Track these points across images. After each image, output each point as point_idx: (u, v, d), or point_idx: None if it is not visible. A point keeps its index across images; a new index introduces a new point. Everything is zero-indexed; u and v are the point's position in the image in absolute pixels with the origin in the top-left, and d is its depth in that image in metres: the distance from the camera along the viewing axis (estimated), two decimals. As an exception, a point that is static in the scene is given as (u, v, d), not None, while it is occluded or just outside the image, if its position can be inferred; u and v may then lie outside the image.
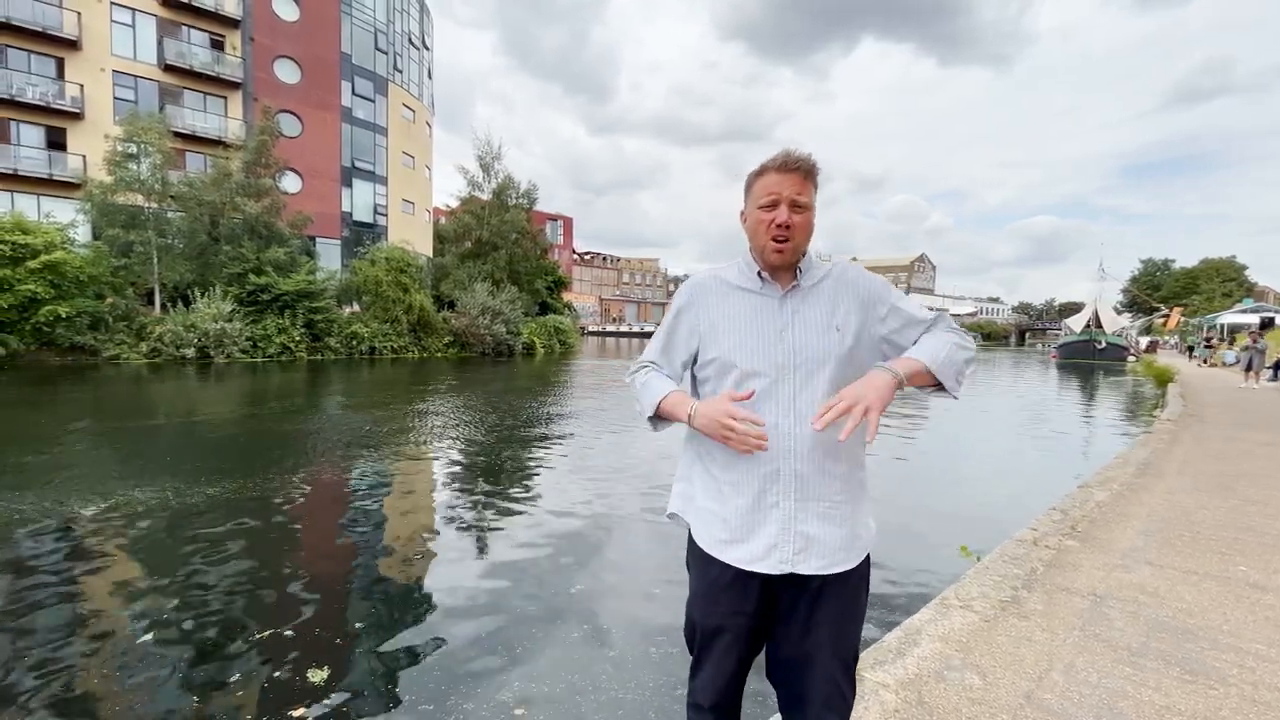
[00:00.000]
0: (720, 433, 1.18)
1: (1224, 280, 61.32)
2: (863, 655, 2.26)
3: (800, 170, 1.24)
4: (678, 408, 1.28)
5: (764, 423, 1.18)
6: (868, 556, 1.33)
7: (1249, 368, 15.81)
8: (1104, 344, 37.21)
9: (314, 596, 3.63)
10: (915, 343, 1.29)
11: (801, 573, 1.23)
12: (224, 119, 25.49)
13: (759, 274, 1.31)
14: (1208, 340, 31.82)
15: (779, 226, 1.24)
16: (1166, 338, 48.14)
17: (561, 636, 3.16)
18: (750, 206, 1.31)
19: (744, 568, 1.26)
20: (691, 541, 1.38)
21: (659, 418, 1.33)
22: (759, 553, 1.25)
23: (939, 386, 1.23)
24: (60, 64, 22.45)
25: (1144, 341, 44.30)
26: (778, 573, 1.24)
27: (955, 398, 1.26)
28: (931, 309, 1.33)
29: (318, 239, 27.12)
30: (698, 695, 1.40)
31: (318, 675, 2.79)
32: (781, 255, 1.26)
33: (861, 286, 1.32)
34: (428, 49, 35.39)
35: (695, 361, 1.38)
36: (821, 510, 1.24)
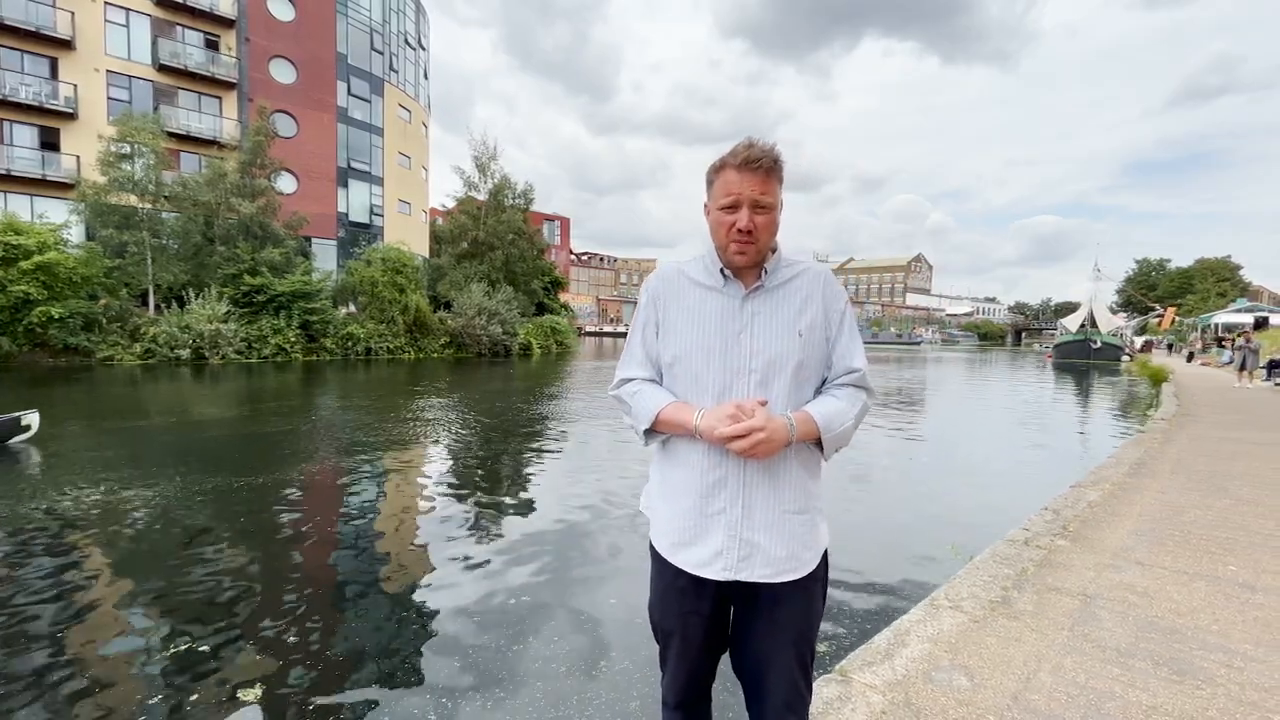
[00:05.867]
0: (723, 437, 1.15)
1: (1218, 280, 61.57)
2: (851, 656, 2.26)
3: (761, 169, 1.17)
4: (680, 414, 1.22)
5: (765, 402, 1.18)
6: (825, 559, 1.31)
7: (1242, 367, 15.88)
8: (1099, 344, 37.33)
9: (299, 603, 3.61)
10: (826, 392, 1.28)
11: (745, 580, 1.21)
12: (219, 119, 25.40)
13: (721, 271, 1.27)
14: (1220, 340, 32.28)
15: (740, 231, 1.19)
16: (1161, 337, 48.35)
17: (536, 648, 3.14)
18: (711, 204, 1.26)
19: (691, 571, 1.24)
20: (650, 539, 1.37)
21: (654, 430, 1.28)
22: (705, 558, 1.23)
23: (818, 445, 1.24)
24: (54, 64, 22.34)
25: (1139, 341, 44.49)
26: (722, 579, 1.22)
27: (824, 459, 1.28)
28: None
29: (313, 239, 27.03)
30: (665, 693, 1.41)
31: (288, 683, 2.77)
32: (745, 256, 1.22)
33: (831, 296, 1.29)
34: (424, 49, 35.33)
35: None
36: (770, 519, 1.22)
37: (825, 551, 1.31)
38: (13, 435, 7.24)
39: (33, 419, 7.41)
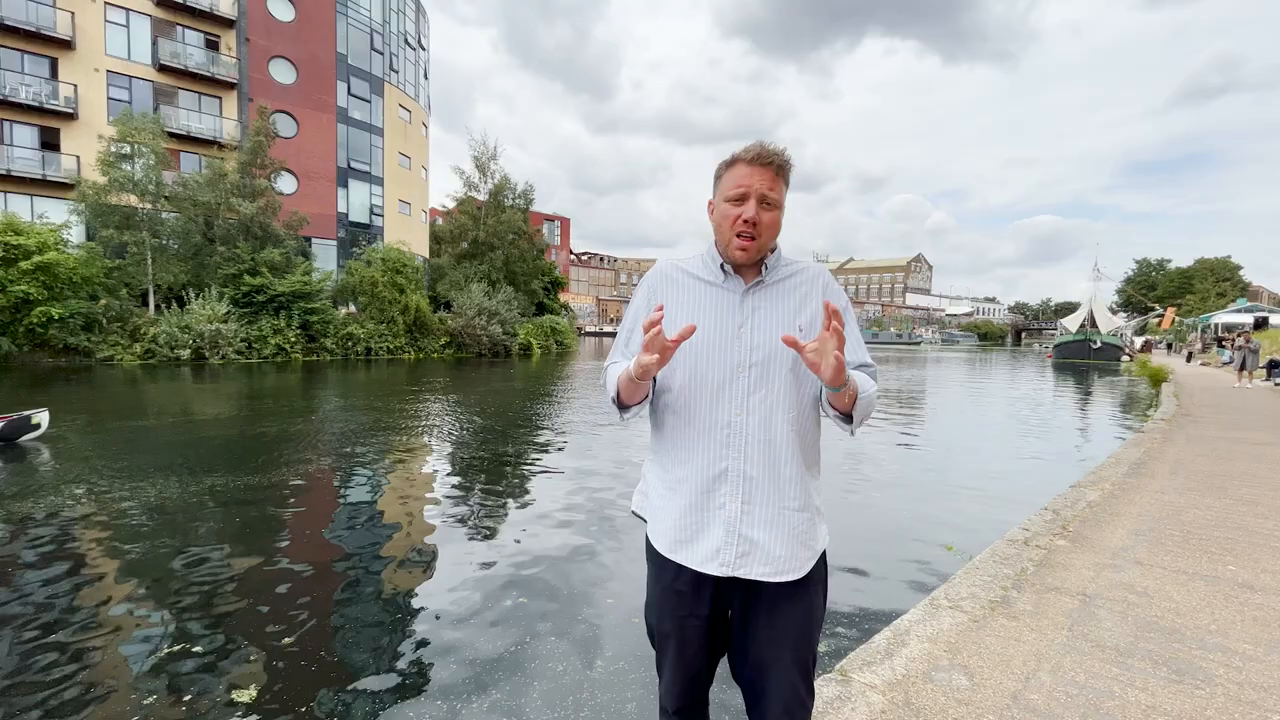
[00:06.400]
0: (646, 358, 1.09)
1: (1218, 280, 61.56)
2: (850, 656, 2.26)
3: (773, 165, 1.19)
4: (625, 375, 1.20)
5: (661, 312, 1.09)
6: (824, 561, 1.30)
7: (1242, 367, 15.87)
8: (1099, 344, 37.37)
9: (296, 603, 3.61)
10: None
11: (744, 577, 1.21)
12: (219, 119, 25.40)
13: (722, 267, 1.28)
14: (1219, 341, 32.39)
15: (746, 223, 1.20)
16: (1160, 337, 48.36)
17: (533, 649, 3.15)
18: (718, 198, 1.26)
19: (690, 568, 1.24)
20: (648, 540, 1.35)
21: (622, 403, 1.26)
22: (705, 555, 1.22)
23: (846, 418, 1.21)
24: (54, 64, 22.33)
25: (1139, 341, 44.49)
26: (720, 575, 1.21)
27: (851, 434, 1.26)
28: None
29: (313, 240, 27.03)
30: (662, 699, 1.39)
31: (283, 684, 2.78)
32: (746, 253, 1.22)
33: (831, 294, 1.29)
34: (424, 49, 35.33)
35: None
36: (769, 515, 1.21)
37: (825, 554, 1.31)
38: (23, 433, 7.48)
39: (43, 417, 7.66)
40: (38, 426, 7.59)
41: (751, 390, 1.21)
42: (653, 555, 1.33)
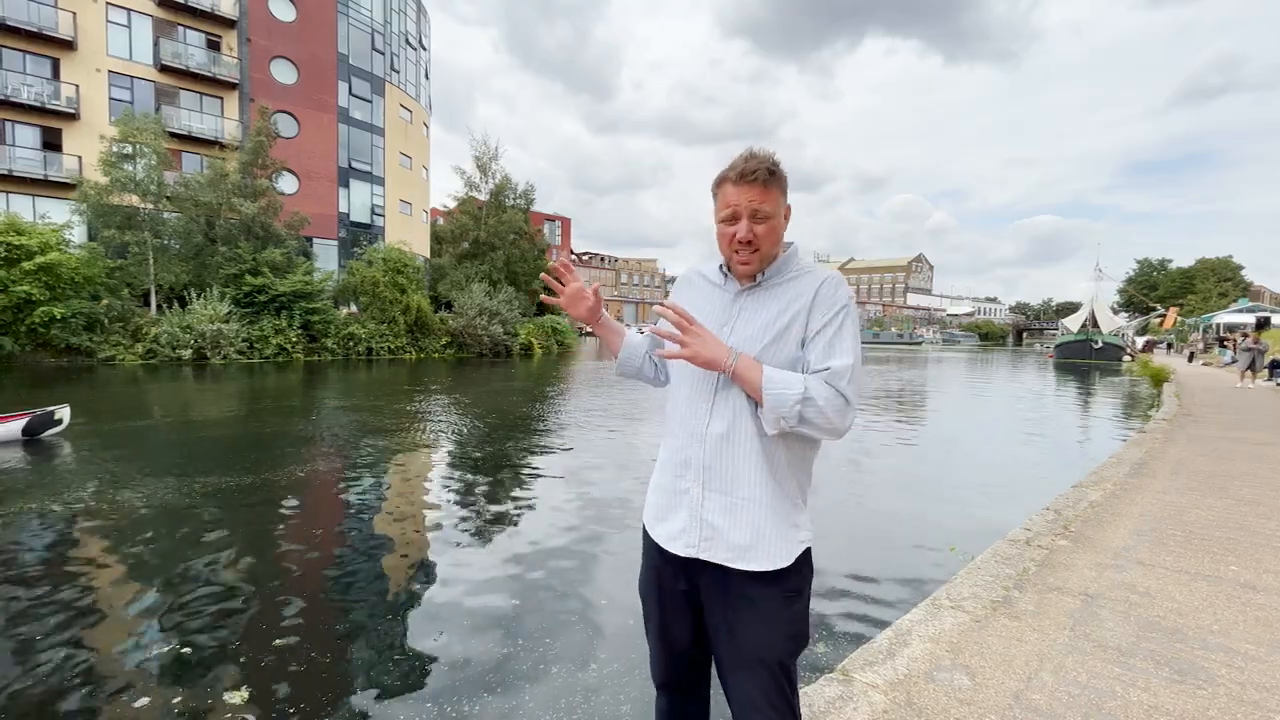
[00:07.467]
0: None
1: (1220, 280, 61.48)
2: (852, 655, 2.27)
3: (758, 181, 1.19)
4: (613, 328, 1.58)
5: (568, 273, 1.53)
6: (805, 566, 1.27)
7: (1249, 367, 15.74)
8: (1100, 344, 37.34)
9: (293, 603, 3.61)
10: (799, 369, 1.23)
11: (707, 559, 1.25)
12: (220, 120, 25.44)
13: (724, 269, 1.35)
14: (1221, 341, 32.31)
15: (741, 242, 1.23)
16: (1161, 337, 48.30)
17: (529, 651, 3.14)
18: (715, 215, 1.29)
19: (661, 545, 1.31)
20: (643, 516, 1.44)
21: (614, 351, 1.57)
22: (674, 533, 1.30)
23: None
24: (55, 64, 22.38)
25: (1140, 341, 44.43)
26: (686, 555, 1.27)
27: (768, 432, 1.22)
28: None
29: (314, 240, 27.06)
30: (652, 673, 1.45)
31: (277, 686, 2.78)
32: (748, 266, 1.26)
33: (823, 299, 1.24)
34: (425, 49, 35.37)
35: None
36: (726, 504, 1.24)
37: (806, 559, 1.28)
38: (47, 428, 7.74)
39: (64, 413, 7.92)
40: (60, 422, 7.86)
41: (723, 386, 1.25)
42: (644, 530, 1.41)
